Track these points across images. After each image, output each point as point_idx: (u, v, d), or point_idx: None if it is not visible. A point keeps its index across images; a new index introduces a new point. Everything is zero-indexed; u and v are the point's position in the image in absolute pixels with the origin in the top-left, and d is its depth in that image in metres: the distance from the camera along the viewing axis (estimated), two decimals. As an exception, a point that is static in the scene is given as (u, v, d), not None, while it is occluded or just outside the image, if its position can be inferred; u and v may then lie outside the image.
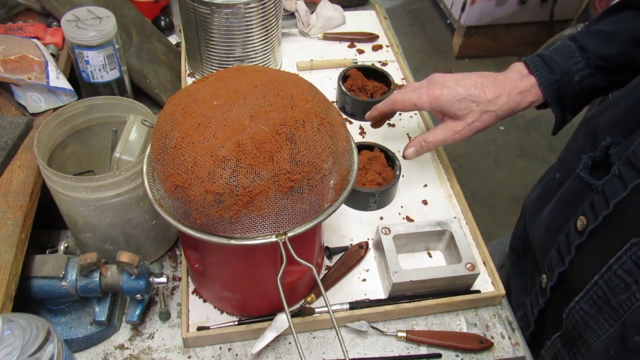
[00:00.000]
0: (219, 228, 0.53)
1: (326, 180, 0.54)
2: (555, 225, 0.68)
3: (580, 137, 0.71)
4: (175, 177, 0.52)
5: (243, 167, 0.50)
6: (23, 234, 0.66)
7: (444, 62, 2.74)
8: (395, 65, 1.13)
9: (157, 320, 0.72)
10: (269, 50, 1.01)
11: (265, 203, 0.51)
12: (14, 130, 0.76)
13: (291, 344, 0.70)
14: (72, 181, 0.64)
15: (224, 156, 0.50)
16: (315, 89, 0.60)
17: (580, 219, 0.62)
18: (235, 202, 0.50)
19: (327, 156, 0.54)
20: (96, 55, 0.82)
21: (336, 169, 0.56)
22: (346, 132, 0.60)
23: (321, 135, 0.54)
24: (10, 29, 0.89)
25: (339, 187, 0.57)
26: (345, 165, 0.58)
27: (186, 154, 0.51)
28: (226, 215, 0.51)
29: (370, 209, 0.84)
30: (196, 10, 0.91)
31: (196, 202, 0.51)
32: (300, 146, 0.52)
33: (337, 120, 0.59)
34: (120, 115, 0.76)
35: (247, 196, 0.50)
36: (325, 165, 0.54)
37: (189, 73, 1.06)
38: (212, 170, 0.50)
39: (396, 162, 0.85)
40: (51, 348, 0.44)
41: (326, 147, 0.54)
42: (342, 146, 0.57)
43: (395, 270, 0.71)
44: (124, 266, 0.64)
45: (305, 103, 0.55)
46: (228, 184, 0.50)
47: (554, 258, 0.67)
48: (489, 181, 2.20)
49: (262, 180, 0.50)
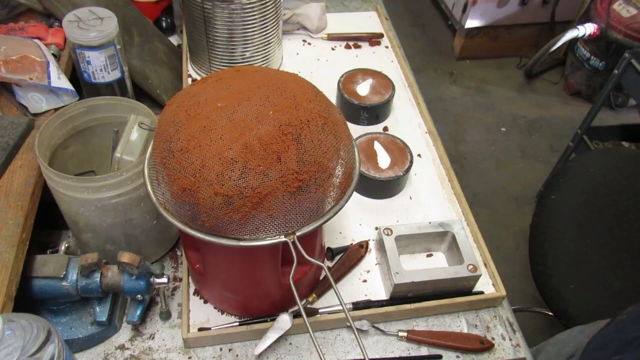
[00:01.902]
0: (228, 230, 0.53)
1: (332, 179, 0.55)
2: None
3: None
4: (182, 180, 0.52)
5: (251, 168, 0.50)
6: (24, 234, 0.66)
7: (445, 63, 2.74)
8: (396, 66, 1.13)
9: (157, 321, 0.72)
10: (271, 50, 1.01)
11: (274, 203, 0.51)
12: (15, 130, 0.76)
13: (292, 344, 0.70)
14: (73, 181, 0.64)
15: (232, 158, 0.50)
16: (316, 89, 0.60)
17: None
18: (244, 203, 0.50)
19: (332, 155, 0.54)
20: (97, 55, 0.82)
21: (341, 167, 0.56)
22: (347, 130, 0.61)
23: (326, 134, 0.54)
24: (11, 30, 0.89)
25: (344, 185, 0.57)
26: (349, 163, 0.59)
27: (193, 157, 0.51)
28: (235, 217, 0.51)
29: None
30: (204, 8, 0.91)
31: (205, 204, 0.51)
32: (306, 146, 0.52)
33: (339, 119, 0.59)
34: (122, 115, 0.76)
35: (256, 197, 0.50)
36: (331, 163, 0.54)
37: (189, 74, 1.06)
38: (220, 172, 0.50)
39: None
40: (52, 348, 0.44)
41: (331, 146, 0.55)
42: (345, 144, 0.58)
43: (397, 271, 0.71)
44: (125, 266, 0.64)
45: (309, 103, 0.56)
46: (237, 186, 0.50)
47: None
48: (490, 182, 2.20)
49: (271, 181, 0.50)
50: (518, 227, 1.97)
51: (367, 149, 0.88)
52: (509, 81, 2.74)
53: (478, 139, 2.40)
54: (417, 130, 1.00)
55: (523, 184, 2.18)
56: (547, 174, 2.04)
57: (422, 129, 1.00)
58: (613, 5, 2.20)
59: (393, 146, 0.89)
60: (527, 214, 2.02)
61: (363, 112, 0.97)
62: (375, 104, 0.97)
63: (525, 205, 2.06)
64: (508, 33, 2.77)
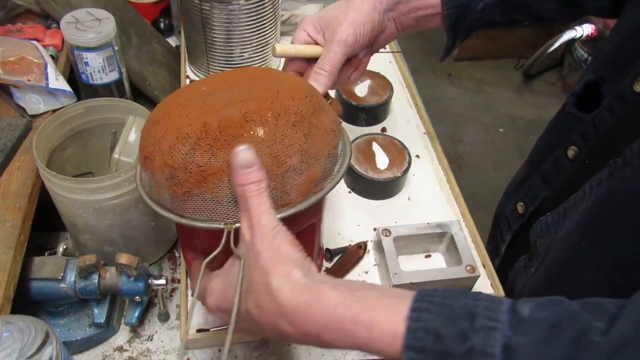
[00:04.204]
0: (173, 204, 0.53)
1: (289, 177, 0.52)
2: (540, 158, 0.73)
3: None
4: (146, 149, 0.54)
5: (202, 146, 0.50)
6: (22, 235, 0.66)
7: (443, 64, 2.74)
8: (394, 67, 1.13)
9: (156, 322, 0.72)
10: (269, 51, 1.01)
11: (218, 186, 0.50)
12: (13, 131, 0.76)
13: (290, 345, 0.70)
14: (71, 183, 0.64)
15: (187, 133, 0.51)
16: (312, 93, 0.58)
17: (572, 148, 0.66)
18: (187, 179, 0.51)
19: (293, 153, 0.52)
20: (95, 57, 0.82)
21: (305, 169, 0.53)
22: (333, 139, 0.57)
23: (294, 131, 0.53)
24: (9, 31, 0.89)
25: (305, 189, 0.54)
26: (320, 170, 0.55)
27: (158, 128, 0.54)
28: (179, 191, 0.51)
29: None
30: (202, 9, 0.91)
31: (156, 174, 0.53)
32: (265, 136, 0.51)
33: (326, 125, 0.56)
34: (120, 116, 0.76)
35: (199, 174, 0.50)
36: (290, 161, 0.52)
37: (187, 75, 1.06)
38: (173, 144, 0.51)
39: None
40: (50, 350, 0.44)
41: (295, 143, 0.52)
42: (319, 150, 0.54)
43: (396, 272, 0.71)
44: (123, 268, 0.64)
45: (290, 100, 0.54)
46: (183, 160, 0.50)
47: (538, 185, 0.71)
48: (489, 183, 2.21)
49: (218, 162, 0.50)
50: (516, 228, 1.97)
51: (366, 150, 0.88)
52: (507, 82, 2.75)
53: (476, 140, 2.41)
54: (415, 131, 1.00)
55: (521, 185, 2.18)
56: (545, 175, 2.05)
57: (421, 130, 1.00)
58: (610, 6, 2.20)
59: (391, 147, 0.89)
60: (525, 214, 2.01)
61: (361, 113, 0.97)
62: (373, 105, 0.97)
63: (523, 205, 2.06)
64: (506, 34, 2.78)
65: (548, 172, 0.71)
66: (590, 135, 0.64)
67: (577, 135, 0.66)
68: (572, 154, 0.67)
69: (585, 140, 0.65)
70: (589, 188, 0.61)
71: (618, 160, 0.57)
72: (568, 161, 0.67)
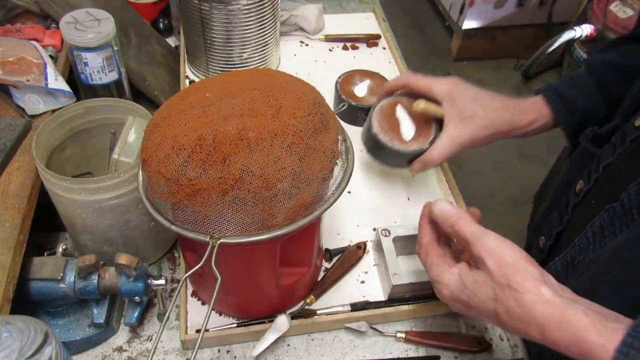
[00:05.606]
0: (165, 211, 0.55)
1: (277, 201, 0.52)
2: (559, 192, 0.73)
3: None
4: (145, 151, 0.55)
5: (195, 160, 0.50)
6: (21, 236, 0.66)
7: (443, 65, 2.74)
8: (394, 68, 1.13)
9: (155, 323, 0.72)
10: (268, 51, 1.01)
11: (207, 201, 0.51)
12: (13, 132, 0.76)
13: (289, 345, 0.70)
14: (71, 183, 0.64)
15: (182, 144, 0.51)
16: (320, 110, 0.57)
17: (579, 182, 0.66)
18: (178, 190, 0.51)
19: (285, 176, 0.51)
20: (95, 57, 0.82)
21: (296, 193, 0.52)
22: (332, 162, 0.56)
23: (288, 153, 0.51)
24: (9, 31, 0.89)
25: (293, 213, 0.53)
26: (311, 194, 0.54)
27: (158, 132, 0.54)
28: (170, 200, 0.52)
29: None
30: (202, 10, 0.91)
31: (152, 179, 0.53)
32: (258, 156, 0.50)
33: (325, 146, 0.55)
34: (119, 117, 0.76)
35: (190, 188, 0.50)
36: (280, 185, 0.51)
37: (186, 76, 1.06)
38: (168, 154, 0.51)
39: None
40: (49, 350, 0.44)
41: (288, 166, 0.51)
42: (313, 173, 0.53)
43: (395, 272, 0.71)
44: (123, 268, 0.64)
45: (292, 118, 0.53)
46: (176, 172, 0.51)
47: (554, 220, 0.71)
48: (488, 183, 2.21)
49: (208, 179, 0.50)
50: (515, 228, 1.98)
51: (390, 114, 0.80)
52: (507, 82, 2.75)
53: (475, 140, 2.41)
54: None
55: (520, 185, 2.18)
56: (544, 175, 2.05)
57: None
58: (610, 7, 2.21)
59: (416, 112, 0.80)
60: (524, 214, 2.02)
61: (360, 113, 0.97)
62: (373, 105, 0.97)
63: (522, 206, 2.06)
64: (505, 34, 2.78)
65: (561, 206, 0.70)
66: (594, 171, 0.63)
67: (585, 170, 0.66)
68: (578, 188, 0.66)
69: (589, 175, 0.64)
70: (591, 234, 0.59)
71: (616, 205, 0.56)
72: (575, 196, 0.67)
